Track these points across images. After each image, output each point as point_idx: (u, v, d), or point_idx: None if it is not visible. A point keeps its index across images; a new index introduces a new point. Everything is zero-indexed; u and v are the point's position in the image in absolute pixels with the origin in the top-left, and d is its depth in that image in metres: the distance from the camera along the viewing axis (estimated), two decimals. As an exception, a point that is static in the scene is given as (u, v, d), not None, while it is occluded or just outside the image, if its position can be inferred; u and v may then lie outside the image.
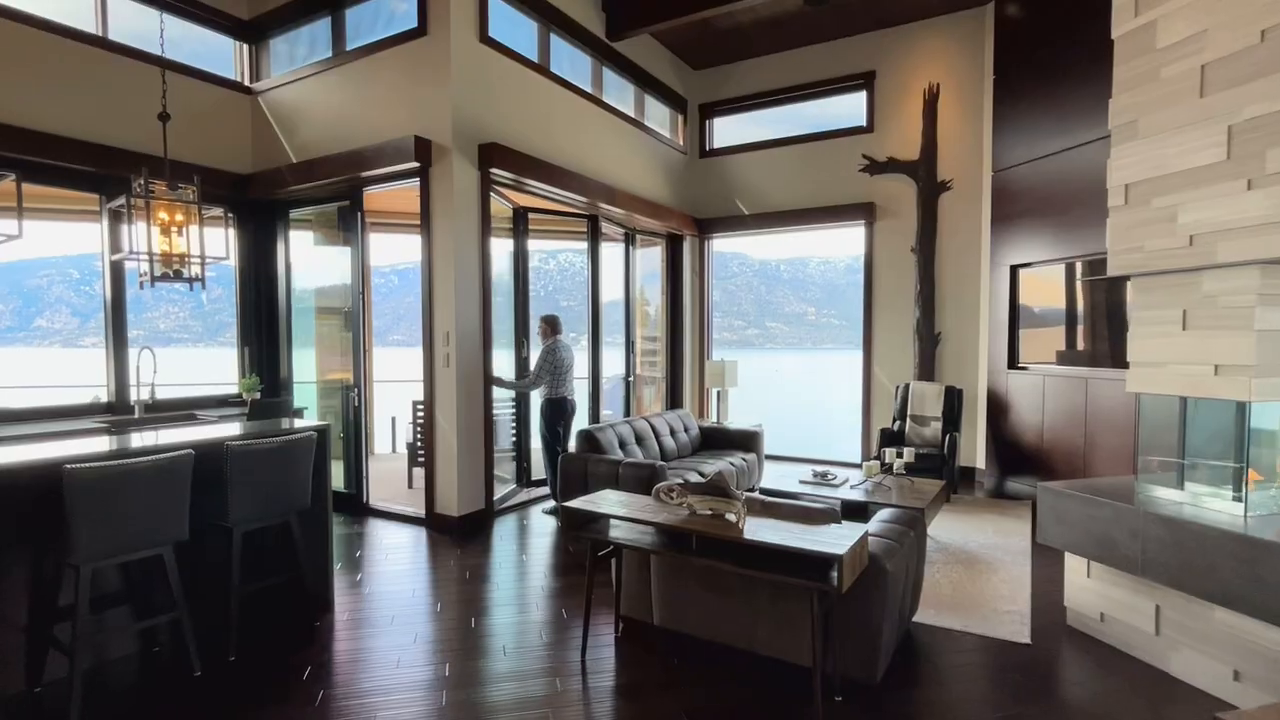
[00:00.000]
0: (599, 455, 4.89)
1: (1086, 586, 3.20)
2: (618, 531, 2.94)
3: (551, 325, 5.41)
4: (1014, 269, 5.94)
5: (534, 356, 5.61)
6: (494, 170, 5.03)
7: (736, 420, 7.09)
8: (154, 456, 2.65)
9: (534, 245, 6.48)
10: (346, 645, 3.14)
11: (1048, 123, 5.50)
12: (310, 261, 6.11)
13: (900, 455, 4.72)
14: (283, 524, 3.24)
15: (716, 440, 6.30)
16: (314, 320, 6.40)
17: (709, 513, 2.81)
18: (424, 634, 3.23)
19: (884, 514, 3.31)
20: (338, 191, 5.48)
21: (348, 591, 3.76)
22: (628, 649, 3.10)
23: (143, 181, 3.21)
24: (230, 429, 3.36)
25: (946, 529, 4.92)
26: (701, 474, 5.18)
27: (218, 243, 6.05)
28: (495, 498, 5.29)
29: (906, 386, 6.43)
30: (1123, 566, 2.88)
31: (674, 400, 7.90)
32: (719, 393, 7.01)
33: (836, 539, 2.51)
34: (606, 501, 3.03)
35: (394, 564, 4.24)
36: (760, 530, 2.61)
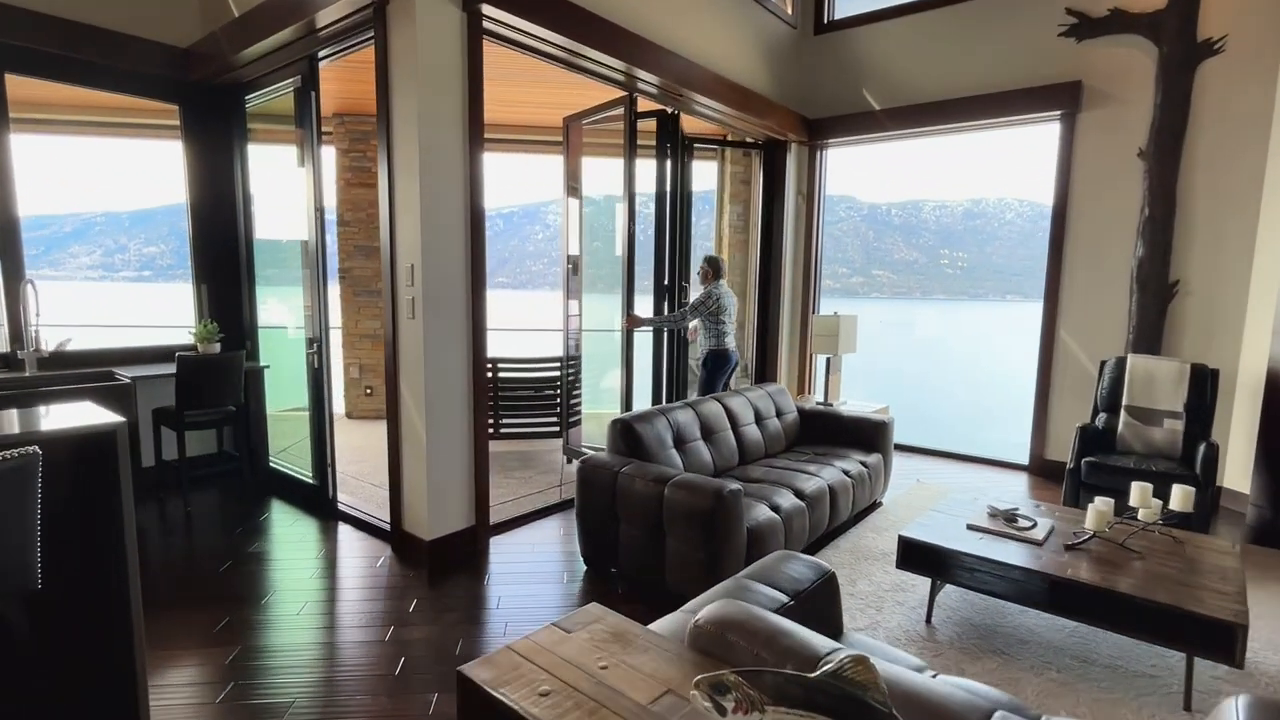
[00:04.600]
0: (638, 462, 3.15)
1: None
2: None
3: (714, 268, 4.82)
4: (1347, 175, 3.55)
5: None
6: (488, 9, 3.21)
7: (851, 400, 5.13)
8: None
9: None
10: None
11: None
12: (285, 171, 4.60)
13: (1161, 499, 2.66)
14: (-8, 617, 1.73)
15: (823, 430, 4.39)
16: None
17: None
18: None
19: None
20: (289, 66, 3.87)
21: (192, 696, 2.28)
22: None
23: None
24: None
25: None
26: (799, 492, 3.35)
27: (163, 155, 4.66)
28: (494, 506, 3.70)
29: (1120, 363, 4.23)
30: None
31: (762, 371, 5.98)
32: (829, 361, 5.03)
33: None
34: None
35: (308, 628, 2.73)
36: None
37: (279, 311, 4.70)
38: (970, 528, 2.83)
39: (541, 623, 2.77)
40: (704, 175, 6.75)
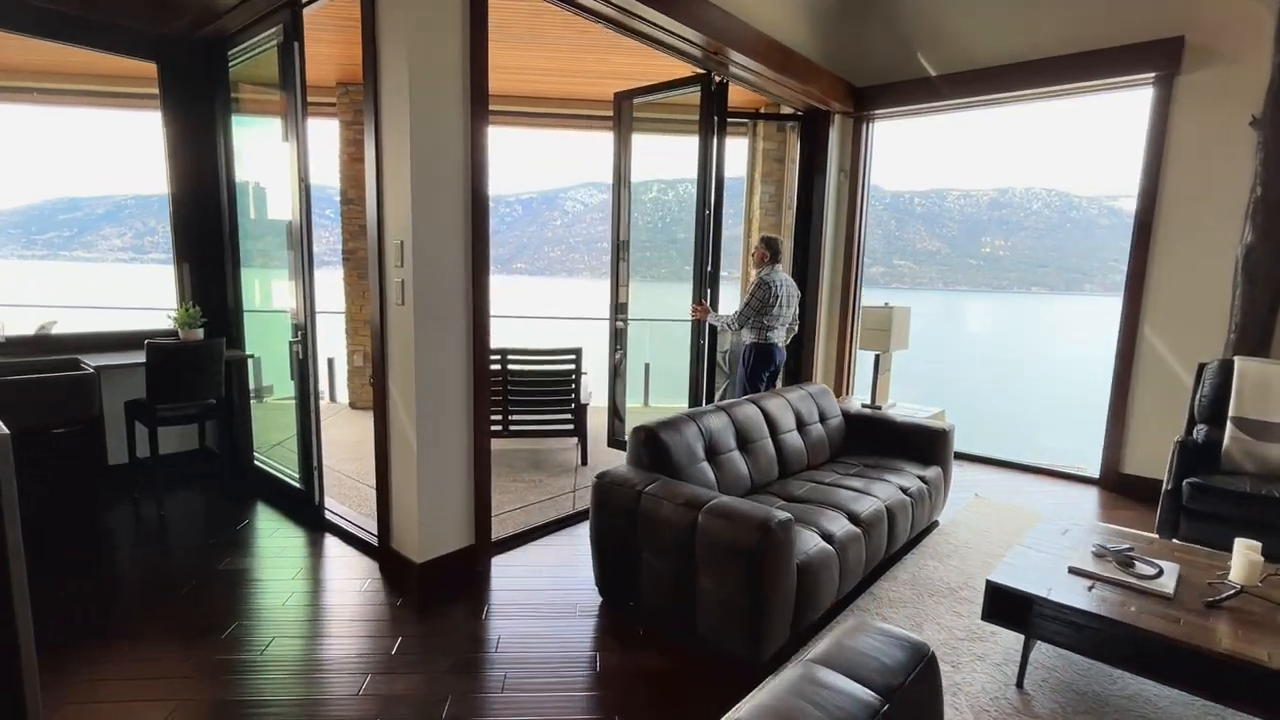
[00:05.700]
0: (665, 479, 2.65)
1: None
2: None
3: (771, 250, 4.23)
4: None
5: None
6: (493, -59, 2.70)
7: (898, 402, 4.58)
8: None
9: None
10: None
11: None
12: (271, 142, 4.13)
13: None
14: None
15: (871, 438, 3.86)
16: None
17: None
18: None
19: None
20: (271, 15, 3.39)
21: (117, 764, 1.84)
22: None
23: None
24: None
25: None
26: (853, 516, 2.84)
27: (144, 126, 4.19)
28: (499, 516, 3.24)
29: (1225, 366, 3.64)
30: None
31: (796, 369, 5.42)
32: (877, 359, 4.48)
33: None
34: None
35: (270, 674, 2.29)
36: None
37: (281, 295, 4.25)
38: (1073, 572, 2.30)
39: (546, 674, 2.30)
40: (731, 154, 6.21)
